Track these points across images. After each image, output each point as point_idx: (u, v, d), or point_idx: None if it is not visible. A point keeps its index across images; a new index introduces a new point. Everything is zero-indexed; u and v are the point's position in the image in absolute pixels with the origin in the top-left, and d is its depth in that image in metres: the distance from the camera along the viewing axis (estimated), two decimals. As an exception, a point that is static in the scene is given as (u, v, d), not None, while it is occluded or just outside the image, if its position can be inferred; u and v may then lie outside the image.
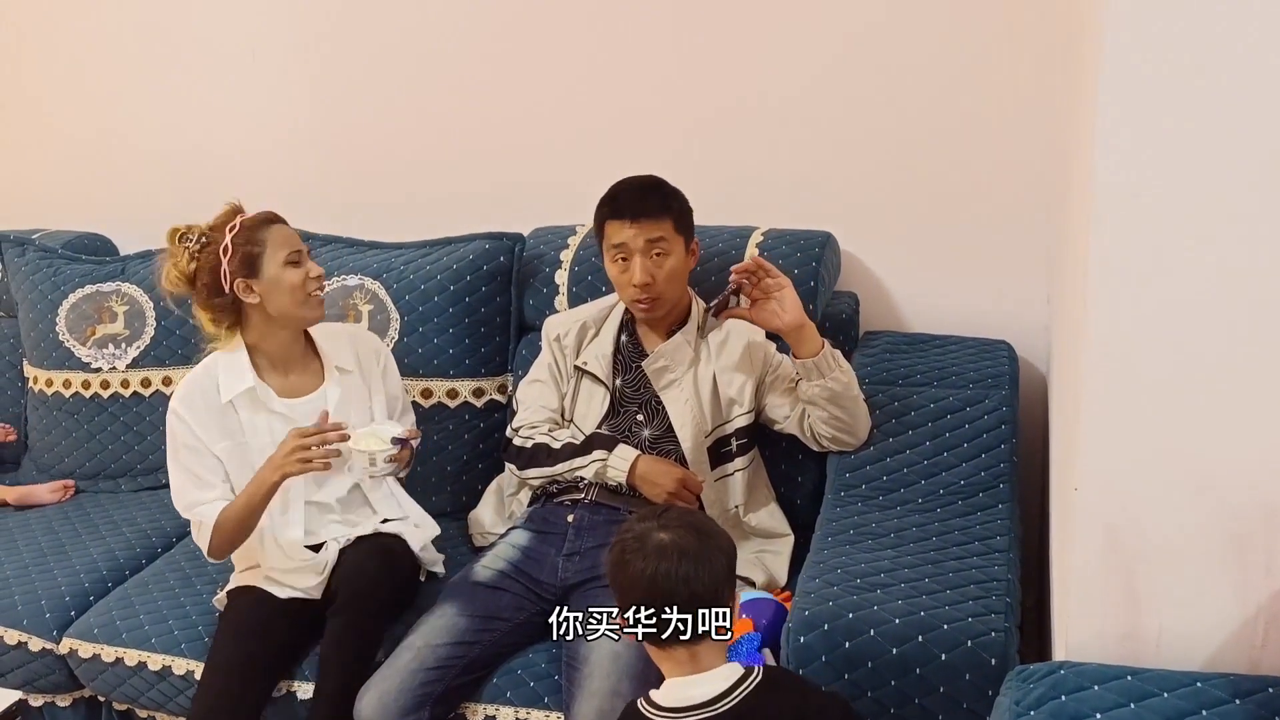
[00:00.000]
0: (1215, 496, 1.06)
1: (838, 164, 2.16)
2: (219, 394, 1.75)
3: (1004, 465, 1.76)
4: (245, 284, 1.72)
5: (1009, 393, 1.87)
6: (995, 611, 1.44)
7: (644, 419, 1.88)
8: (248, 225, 1.73)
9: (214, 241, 1.72)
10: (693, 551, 1.26)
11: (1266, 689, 1.02)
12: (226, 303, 1.73)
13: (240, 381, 1.75)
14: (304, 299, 1.74)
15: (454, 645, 1.61)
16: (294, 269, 1.73)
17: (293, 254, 1.74)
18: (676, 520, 1.30)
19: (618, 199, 1.83)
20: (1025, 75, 1.99)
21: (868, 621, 1.43)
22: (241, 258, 1.71)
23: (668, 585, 1.25)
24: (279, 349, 1.79)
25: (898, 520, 1.68)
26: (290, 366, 1.81)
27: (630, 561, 1.27)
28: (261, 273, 1.72)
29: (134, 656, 1.81)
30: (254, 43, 2.49)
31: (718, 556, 1.29)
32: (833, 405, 1.76)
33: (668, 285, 1.81)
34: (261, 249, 1.72)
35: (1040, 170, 2.01)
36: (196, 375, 1.78)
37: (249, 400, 1.77)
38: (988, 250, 2.12)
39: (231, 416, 1.75)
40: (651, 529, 1.29)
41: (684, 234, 1.82)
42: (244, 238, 1.72)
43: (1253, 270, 1.01)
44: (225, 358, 1.78)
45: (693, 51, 2.19)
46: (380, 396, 1.86)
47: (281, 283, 1.72)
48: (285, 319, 1.75)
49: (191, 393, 1.75)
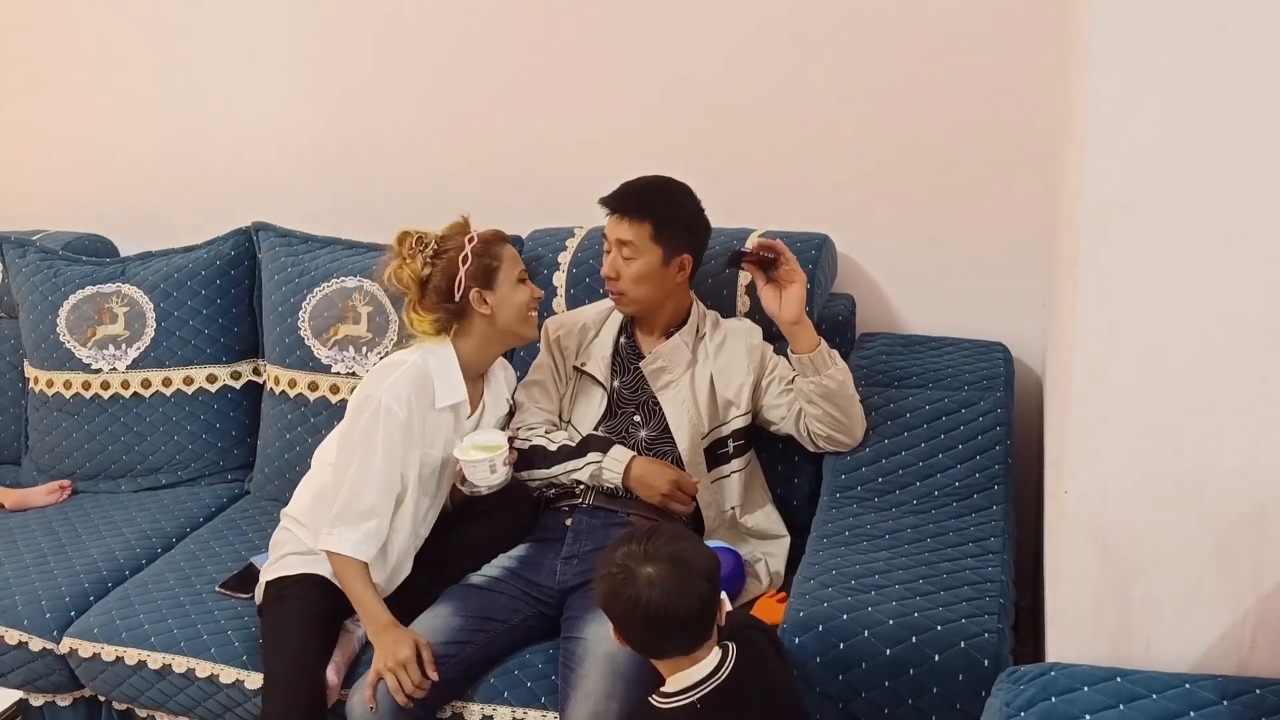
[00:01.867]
0: (1204, 501, 1.08)
1: (835, 167, 2.17)
2: (434, 397, 1.75)
3: (999, 467, 1.77)
4: (480, 294, 1.75)
5: (1004, 395, 1.88)
6: (989, 613, 1.45)
7: (641, 420, 1.89)
8: (485, 239, 1.79)
9: (449, 249, 1.76)
10: (675, 586, 1.35)
11: (1254, 690, 1.03)
12: (454, 309, 1.76)
13: (454, 391, 1.76)
14: (526, 316, 1.80)
15: (447, 644, 1.62)
16: (524, 286, 1.80)
17: (523, 273, 1.81)
18: (656, 553, 1.37)
19: (616, 191, 1.87)
20: (1024, 79, 2.00)
21: (862, 623, 1.44)
22: (480, 269, 1.75)
23: (661, 617, 1.35)
24: (482, 364, 1.83)
25: (892, 522, 1.69)
26: (474, 382, 1.83)
27: (621, 595, 1.37)
28: (496, 286, 1.77)
29: (134, 655, 1.82)
30: (254, 45, 2.50)
31: (699, 582, 1.37)
32: (827, 403, 1.77)
33: (632, 285, 1.84)
34: (499, 264, 1.77)
35: (1037, 174, 2.01)
36: (411, 371, 1.73)
37: (451, 414, 1.78)
38: (984, 253, 2.13)
39: (432, 423, 1.75)
40: (636, 564, 1.37)
41: (664, 244, 1.82)
42: (482, 249, 1.77)
43: (1241, 277, 1.02)
44: (437, 361, 1.77)
45: (691, 55, 2.20)
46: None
47: (513, 299, 1.78)
48: (507, 334, 1.80)
49: (408, 387, 1.71)
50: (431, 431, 1.76)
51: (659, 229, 1.82)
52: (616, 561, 1.38)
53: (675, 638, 1.37)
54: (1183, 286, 1.05)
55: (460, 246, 1.76)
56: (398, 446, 1.69)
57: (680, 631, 1.36)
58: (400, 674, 1.57)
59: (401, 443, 1.70)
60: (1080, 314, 1.06)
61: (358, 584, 1.68)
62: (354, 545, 1.67)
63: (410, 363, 1.75)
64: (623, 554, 1.39)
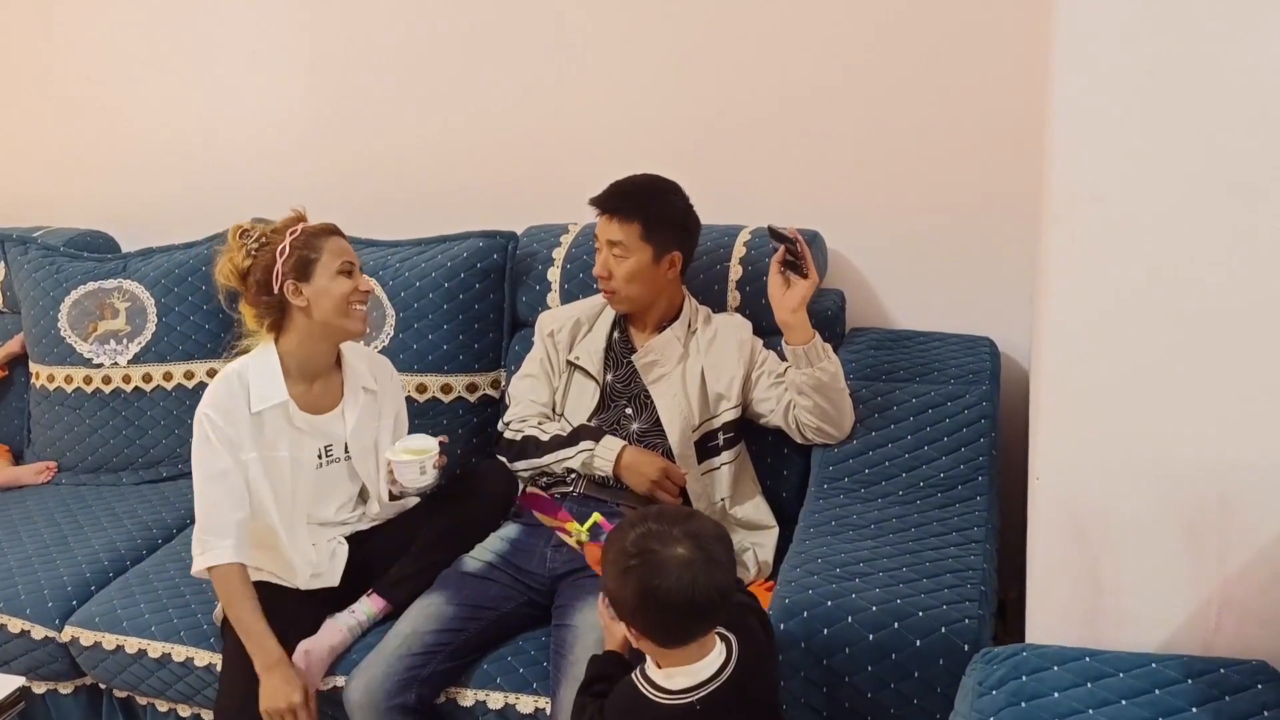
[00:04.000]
0: (1171, 485, 1.11)
1: (824, 163, 2.20)
2: (249, 402, 1.74)
3: (983, 459, 1.80)
4: (295, 286, 1.74)
5: (989, 388, 1.91)
6: (969, 599, 1.48)
7: (633, 412, 1.92)
8: (309, 231, 1.77)
9: (273, 243, 1.75)
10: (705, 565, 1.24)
11: (1218, 670, 1.06)
12: (273, 303, 1.76)
13: (272, 393, 1.75)
14: (346, 310, 1.76)
15: (440, 632, 1.66)
16: (344, 279, 1.76)
17: (345, 264, 1.77)
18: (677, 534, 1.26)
19: (606, 191, 1.90)
20: (1009, 75, 2.02)
21: (846, 609, 1.47)
22: (296, 261, 1.74)
23: (698, 601, 1.24)
24: (313, 359, 1.80)
25: (878, 512, 1.72)
26: (316, 378, 1.81)
27: (653, 584, 1.23)
28: (313, 279, 1.75)
29: (134, 644, 1.85)
30: (254, 42, 2.53)
31: (727, 553, 1.29)
32: (818, 395, 1.80)
33: (624, 284, 1.87)
34: (317, 255, 1.75)
35: (1023, 170, 2.03)
36: (228, 380, 1.76)
37: (278, 413, 1.76)
38: (972, 248, 2.16)
39: (259, 427, 1.75)
40: (661, 546, 1.25)
41: (654, 243, 1.86)
42: (302, 242, 1.75)
43: (1207, 266, 1.05)
44: (257, 364, 1.77)
45: (684, 52, 2.23)
46: (389, 420, 1.88)
47: (330, 291, 1.75)
48: (326, 327, 1.77)
49: (222, 397, 1.74)
50: (267, 432, 1.74)
51: (649, 228, 1.85)
52: (631, 551, 1.26)
53: (704, 621, 1.27)
54: (1153, 277, 1.08)
55: (282, 240, 1.75)
56: (226, 458, 1.71)
57: (710, 613, 1.26)
58: (281, 713, 1.60)
59: (228, 453, 1.71)
60: (1052, 304, 1.09)
61: (247, 614, 1.66)
62: (219, 556, 1.68)
63: (227, 371, 1.77)
64: (636, 541, 1.26)
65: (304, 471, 1.79)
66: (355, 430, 1.83)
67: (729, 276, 2.07)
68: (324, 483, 1.83)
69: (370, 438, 1.85)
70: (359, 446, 1.84)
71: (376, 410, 1.87)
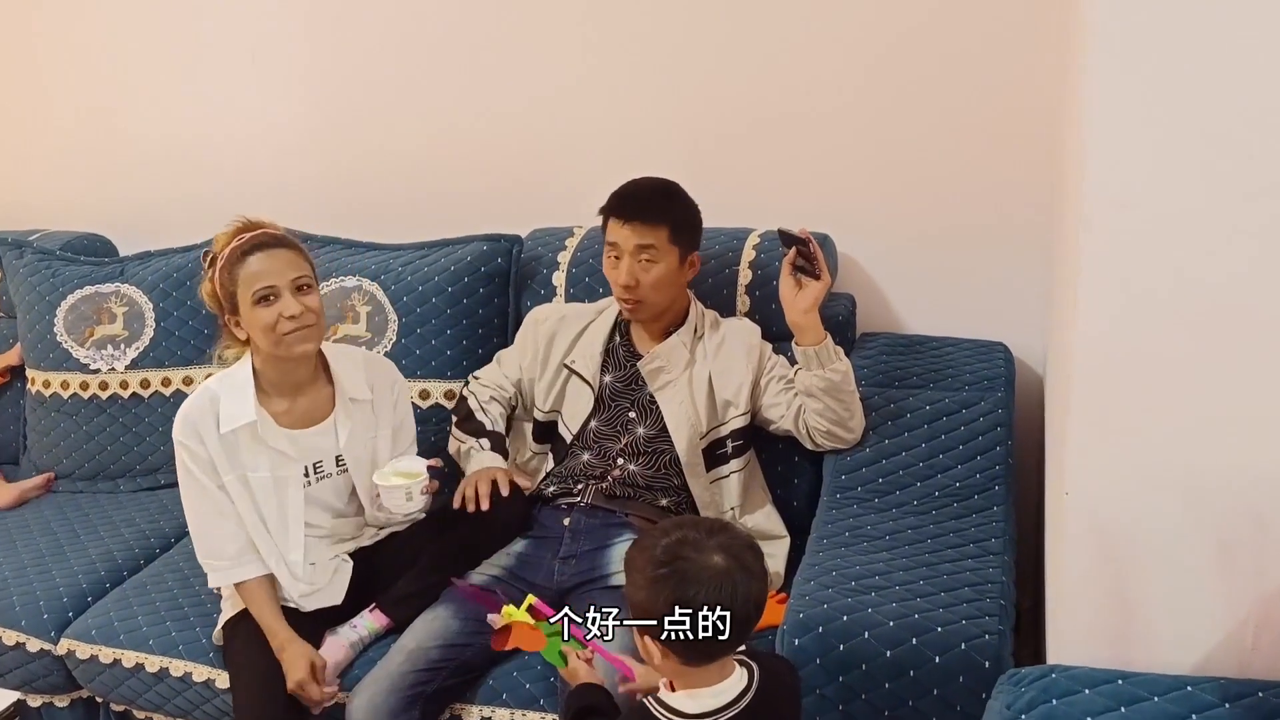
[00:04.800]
0: (1205, 501, 1.07)
1: (835, 166, 2.16)
2: (218, 423, 1.66)
3: (999, 468, 1.76)
4: (234, 320, 1.67)
5: (1005, 394, 1.88)
6: (989, 614, 1.44)
7: (637, 417, 1.88)
8: (230, 258, 1.64)
9: (213, 267, 1.67)
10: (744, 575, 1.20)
11: (1256, 693, 1.02)
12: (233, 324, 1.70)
13: (241, 412, 1.66)
14: (276, 340, 1.62)
15: (445, 647, 1.62)
16: (265, 308, 1.61)
17: (261, 290, 1.61)
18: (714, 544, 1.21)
19: (622, 198, 1.85)
20: (1023, 78, 1.99)
21: (862, 624, 1.43)
22: (223, 293, 1.65)
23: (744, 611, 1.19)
24: (285, 376, 1.71)
25: (893, 522, 1.68)
26: (299, 392, 1.72)
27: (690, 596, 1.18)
28: (239, 309, 1.65)
29: (131, 658, 1.81)
30: (253, 44, 2.49)
31: (760, 563, 1.24)
32: (829, 397, 1.76)
33: (652, 291, 1.82)
34: (234, 286, 1.63)
35: (1038, 173, 2.00)
36: (198, 403, 1.68)
37: (249, 433, 1.68)
38: (985, 252, 2.12)
39: (232, 448, 1.67)
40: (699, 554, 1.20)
41: (680, 245, 1.83)
42: (225, 275, 1.64)
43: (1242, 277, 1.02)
44: (229, 381, 1.69)
45: (692, 54, 2.20)
46: (387, 430, 1.79)
47: (254, 322, 1.62)
48: (276, 355, 1.66)
49: (193, 422, 1.66)
50: (243, 453, 1.67)
51: (676, 229, 1.82)
52: (662, 559, 1.20)
53: (737, 636, 1.20)
54: (1183, 286, 1.04)
55: (214, 267, 1.66)
56: (205, 483, 1.66)
57: (744, 627, 1.20)
58: (299, 694, 1.60)
59: (207, 476, 1.66)
60: (1080, 314, 1.06)
61: (255, 605, 1.67)
62: (225, 578, 1.69)
63: (200, 392, 1.70)
64: (668, 549, 1.20)
65: (290, 491, 1.71)
66: (348, 444, 1.75)
67: (738, 280, 2.04)
68: (315, 499, 1.75)
69: (366, 449, 1.78)
70: (354, 459, 1.76)
71: (373, 420, 1.79)
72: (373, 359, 1.88)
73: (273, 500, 1.70)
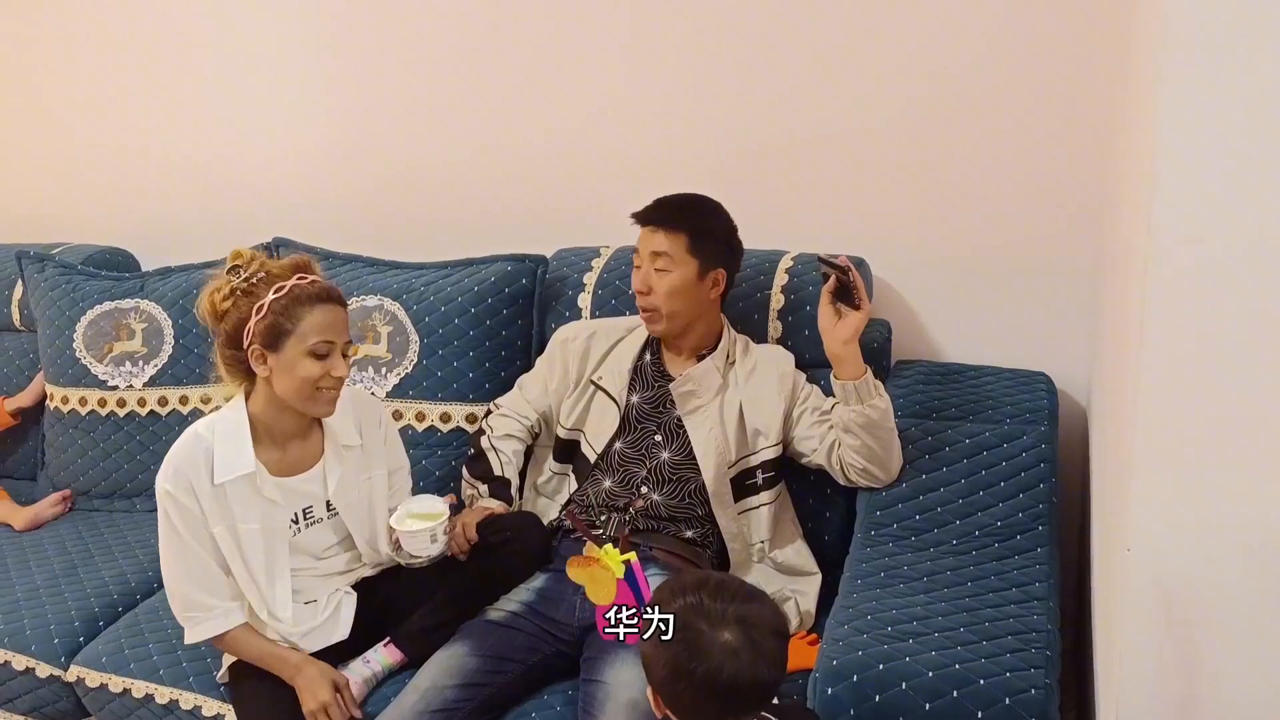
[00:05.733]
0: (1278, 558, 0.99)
1: (871, 186, 2.09)
2: (211, 474, 1.57)
3: (1043, 506, 1.68)
4: (261, 353, 1.55)
5: (1048, 429, 1.80)
6: (1035, 666, 1.37)
7: (663, 440, 1.83)
8: (294, 295, 1.54)
9: (257, 292, 1.55)
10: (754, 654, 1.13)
11: (1337, 772, 0.94)
12: (240, 359, 1.57)
13: (238, 463, 1.57)
14: (310, 394, 1.56)
15: (462, 687, 1.55)
16: (315, 362, 1.55)
17: (322, 344, 1.55)
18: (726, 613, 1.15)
19: (650, 204, 1.84)
20: (1072, 97, 1.91)
21: (899, 673, 1.36)
22: (269, 325, 1.54)
23: (741, 690, 1.13)
24: (282, 424, 1.62)
25: (930, 563, 1.61)
26: (289, 441, 1.64)
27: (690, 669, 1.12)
28: (282, 350, 1.54)
29: (141, 688, 1.76)
30: (278, 60, 2.47)
31: (777, 642, 1.17)
32: (866, 434, 1.69)
33: (666, 300, 1.79)
34: (292, 327, 1.53)
35: (1085, 195, 1.93)
36: (189, 449, 1.58)
37: (245, 484, 1.59)
38: (1026, 276, 2.04)
39: (223, 499, 1.58)
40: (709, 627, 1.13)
41: (699, 256, 1.78)
42: (282, 306, 1.53)
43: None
44: (223, 426, 1.59)
45: (725, 72, 2.14)
46: (381, 470, 1.72)
47: (295, 371, 1.54)
48: (291, 403, 1.58)
49: (184, 470, 1.56)
50: (233, 505, 1.58)
51: (695, 240, 1.78)
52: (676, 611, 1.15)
53: (739, 714, 1.16)
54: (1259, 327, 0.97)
55: (264, 294, 1.53)
56: (186, 537, 1.56)
57: (755, 703, 1.16)
58: (319, 712, 1.54)
59: (191, 531, 1.56)
60: (1146, 357, 0.98)
61: (252, 648, 1.60)
62: (203, 633, 1.60)
63: (190, 438, 1.59)
64: (681, 612, 1.15)
65: (277, 539, 1.63)
66: (338, 491, 1.67)
67: (770, 305, 1.97)
68: (302, 545, 1.68)
69: (357, 494, 1.70)
70: (345, 504, 1.68)
71: (365, 463, 1.71)
72: (358, 396, 1.78)
73: (260, 553, 1.61)
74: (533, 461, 1.97)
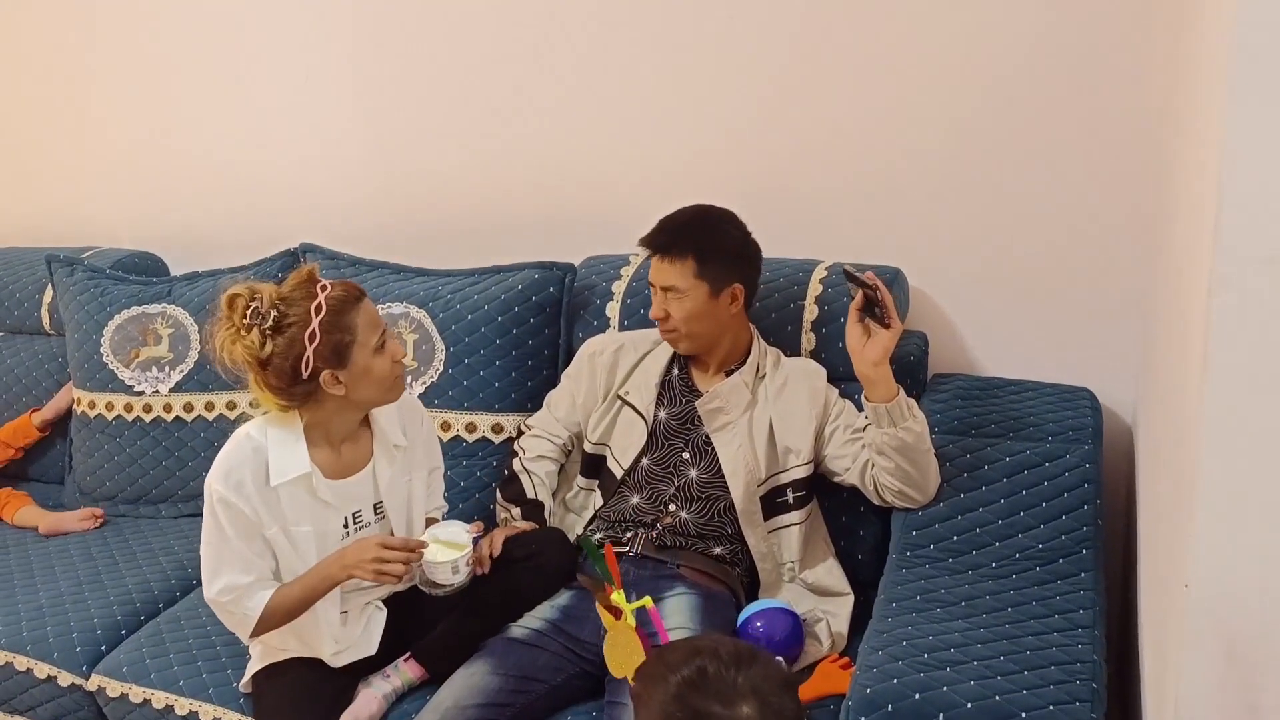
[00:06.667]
0: (1351, 600, 0.93)
1: (907, 195, 2.03)
2: (268, 476, 1.56)
3: (1087, 529, 1.61)
4: (333, 375, 1.53)
5: (1092, 448, 1.73)
6: (1080, 699, 1.31)
7: (690, 458, 1.78)
8: (334, 308, 1.52)
9: (292, 320, 1.51)
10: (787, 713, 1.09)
11: None
12: (305, 390, 1.54)
13: (294, 465, 1.56)
14: (392, 384, 1.59)
15: (484, 707, 1.52)
16: (382, 355, 1.56)
17: (381, 337, 1.56)
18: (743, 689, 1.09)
19: (653, 230, 1.79)
20: (1121, 107, 1.84)
21: (937, 704, 1.30)
22: (332, 347, 1.52)
23: None
24: (343, 427, 1.62)
25: (969, 587, 1.55)
26: (343, 443, 1.63)
27: None
28: (350, 363, 1.54)
29: (162, 699, 1.75)
30: (308, 67, 2.45)
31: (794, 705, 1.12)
32: (900, 456, 1.64)
33: (685, 324, 1.75)
34: (351, 336, 1.53)
35: (1133, 204, 1.86)
36: (243, 451, 1.56)
37: (300, 485, 1.58)
38: (1070, 287, 1.97)
39: (276, 501, 1.57)
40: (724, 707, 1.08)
41: (710, 278, 1.73)
42: (332, 323, 1.51)
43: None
44: (276, 432, 1.57)
45: (757, 79, 2.08)
46: (422, 472, 1.72)
47: (372, 372, 1.55)
48: (367, 404, 1.60)
49: (239, 472, 1.55)
50: (287, 507, 1.56)
51: (703, 263, 1.73)
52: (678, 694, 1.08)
53: None
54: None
55: (305, 319, 1.50)
56: (239, 538, 1.54)
57: None
58: (380, 566, 1.52)
59: (243, 531, 1.54)
60: (1210, 385, 0.92)
61: (293, 595, 1.56)
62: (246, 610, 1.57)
63: (243, 440, 1.57)
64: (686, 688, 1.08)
65: (328, 544, 1.62)
66: (389, 490, 1.66)
67: (803, 316, 1.92)
68: None
69: (403, 494, 1.69)
70: (392, 505, 1.68)
71: (408, 464, 1.70)
72: (401, 399, 1.75)
73: (315, 557, 1.60)
74: (562, 477, 1.93)
